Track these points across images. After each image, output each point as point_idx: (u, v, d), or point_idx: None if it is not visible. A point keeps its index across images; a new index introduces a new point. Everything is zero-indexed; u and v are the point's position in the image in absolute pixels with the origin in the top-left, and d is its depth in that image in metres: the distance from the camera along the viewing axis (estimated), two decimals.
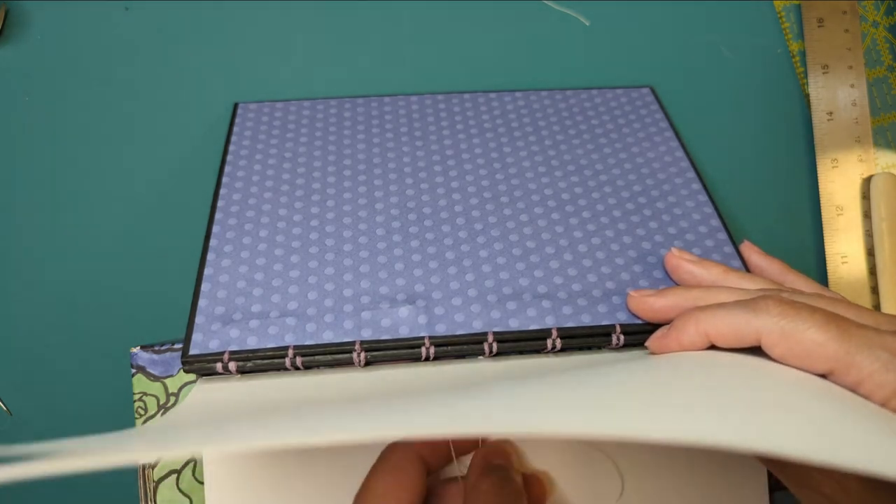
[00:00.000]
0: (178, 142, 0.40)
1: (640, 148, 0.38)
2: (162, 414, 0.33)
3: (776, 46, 0.44)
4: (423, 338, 0.29)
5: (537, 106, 0.41)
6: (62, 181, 0.39)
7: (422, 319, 0.29)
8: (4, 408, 0.37)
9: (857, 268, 0.40)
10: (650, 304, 0.28)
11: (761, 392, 0.20)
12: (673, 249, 0.31)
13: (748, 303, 0.24)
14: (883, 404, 0.22)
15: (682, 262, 0.30)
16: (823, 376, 0.23)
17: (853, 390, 0.22)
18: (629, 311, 0.29)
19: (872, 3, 0.44)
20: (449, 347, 0.29)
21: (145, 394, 0.33)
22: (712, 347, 0.25)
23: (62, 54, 0.40)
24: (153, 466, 0.32)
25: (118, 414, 0.36)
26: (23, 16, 0.40)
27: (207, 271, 0.31)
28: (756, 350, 0.24)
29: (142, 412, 0.33)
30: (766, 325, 0.23)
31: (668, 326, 0.27)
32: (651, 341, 0.27)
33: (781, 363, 0.23)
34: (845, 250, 0.41)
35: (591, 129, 0.39)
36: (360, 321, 0.29)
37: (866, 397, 0.22)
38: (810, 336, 0.22)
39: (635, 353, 0.29)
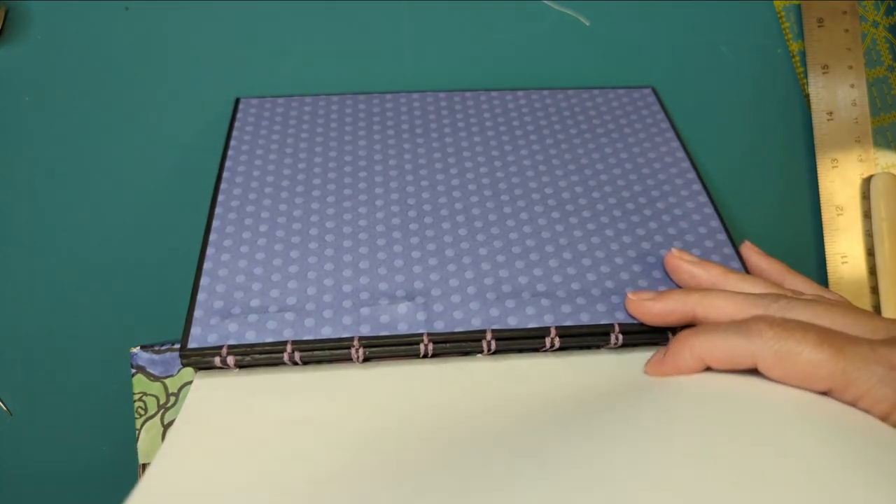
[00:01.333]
0: (179, 137, 0.40)
1: (640, 148, 0.38)
2: (162, 414, 0.33)
3: (776, 46, 0.44)
4: (421, 334, 0.29)
5: (538, 105, 0.41)
6: (62, 181, 0.39)
7: (420, 316, 0.29)
8: (4, 408, 0.37)
9: (857, 268, 0.40)
10: (648, 307, 0.28)
11: (761, 450, 0.20)
12: (673, 250, 0.31)
13: (741, 326, 0.24)
14: (883, 418, 0.22)
15: (682, 263, 0.30)
16: (824, 394, 0.23)
17: (853, 406, 0.23)
18: (627, 313, 0.29)
19: (872, 3, 0.44)
20: (447, 344, 0.29)
21: (145, 394, 0.33)
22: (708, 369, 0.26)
23: (62, 54, 0.40)
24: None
25: (118, 414, 0.36)
26: (23, 16, 0.40)
27: (207, 265, 0.31)
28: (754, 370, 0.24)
29: (142, 412, 0.33)
30: (761, 350, 0.23)
31: (663, 351, 0.27)
32: (649, 367, 0.27)
33: (780, 383, 0.24)
34: (845, 250, 0.41)
35: (592, 129, 0.39)
36: (358, 317, 0.29)
37: (867, 412, 0.22)
38: (805, 357, 0.23)
39: (636, 370, 0.29)
